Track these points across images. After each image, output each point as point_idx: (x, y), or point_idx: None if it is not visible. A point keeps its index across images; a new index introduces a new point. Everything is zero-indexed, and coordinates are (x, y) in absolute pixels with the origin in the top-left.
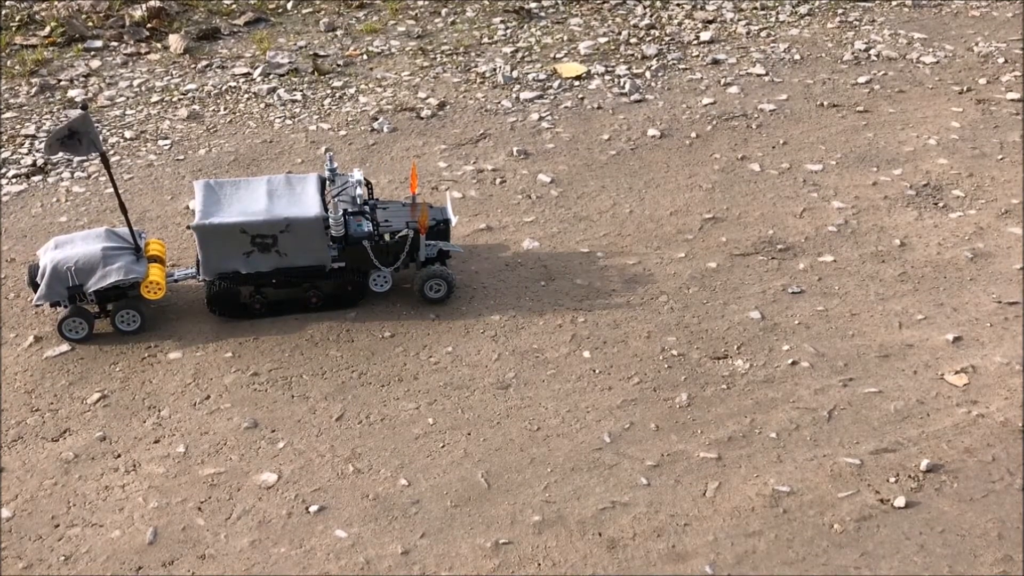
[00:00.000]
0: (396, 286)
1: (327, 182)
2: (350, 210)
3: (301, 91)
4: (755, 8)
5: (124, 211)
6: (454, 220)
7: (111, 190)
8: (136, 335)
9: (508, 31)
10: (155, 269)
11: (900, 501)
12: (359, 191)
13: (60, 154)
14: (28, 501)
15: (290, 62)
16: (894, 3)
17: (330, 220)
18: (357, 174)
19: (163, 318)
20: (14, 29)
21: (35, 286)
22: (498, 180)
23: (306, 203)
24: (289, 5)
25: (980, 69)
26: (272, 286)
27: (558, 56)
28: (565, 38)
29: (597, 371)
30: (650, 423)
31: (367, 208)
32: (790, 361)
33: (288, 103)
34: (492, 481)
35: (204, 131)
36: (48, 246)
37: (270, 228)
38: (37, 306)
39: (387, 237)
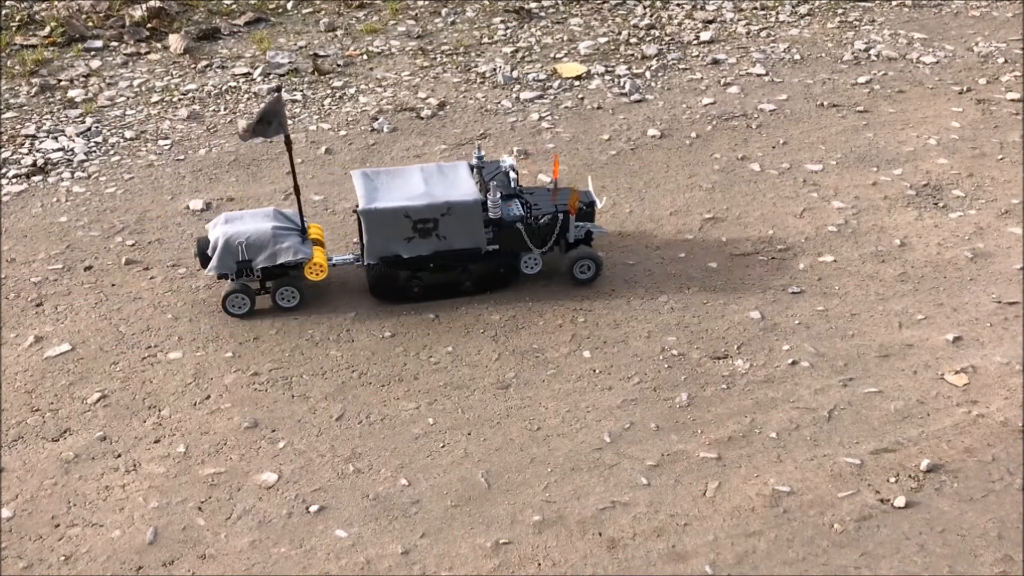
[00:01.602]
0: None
1: (475, 169)
2: (504, 194)
3: (301, 91)
4: (755, 8)
5: (297, 194)
6: (600, 203)
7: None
8: (294, 311)
9: (508, 31)
10: (319, 252)
11: (900, 501)
12: (512, 176)
13: (255, 139)
14: (28, 501)
15: (290, 62)
16: (894, 3)
17: (488, 203)
18: (509, 160)
19: (163, 318)
20: (14, 29)
21: (202, 258)
22: None
23: (464, 188)
24: (289, 5)
25: (980, 69)
26: (430, 270)
27: (558, 56)
28: (565, 38)
29: (597, 371)
30: (650, 423)
31: (521, 192)
32: (790, 361)
33: (288, 103)
34: (492, 481)
35: (204, 131)
36: (218, 220)
37: (432, 212)
38: (210, 275)
39: (539, 220)
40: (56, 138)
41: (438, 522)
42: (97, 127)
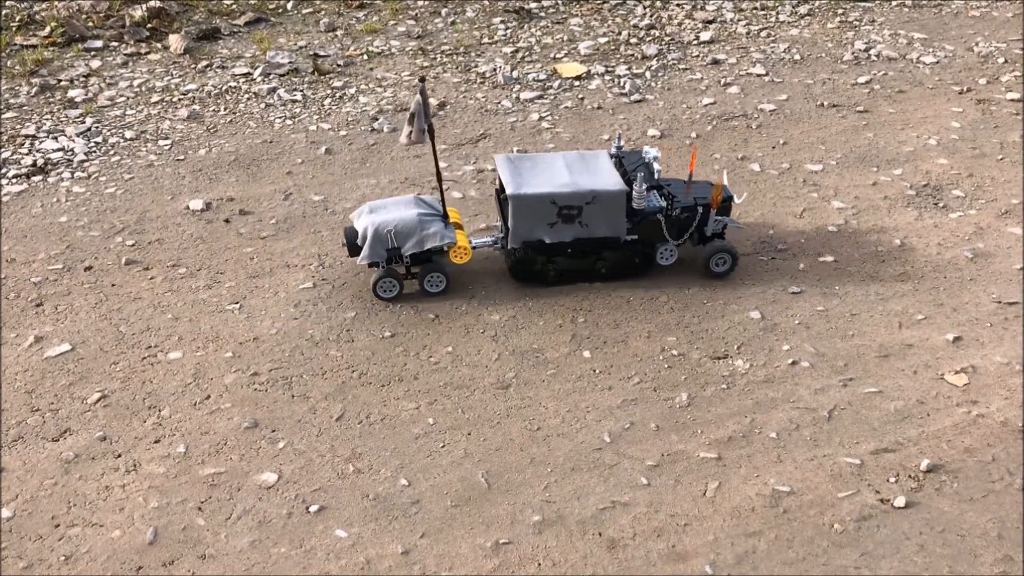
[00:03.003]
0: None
1: (614, 159)
2: (646, 185)
3: (301, 91)
4: (755, 8)
5: (439, 179)
6: (738, 199)
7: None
8: (441, 295)
9: (508, 31)
10: (462, 235)
11: (900, 501)
12: (656, 167)
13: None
14: (28, 501)
15: (290, 62)
16: (894, 3)
17: (634, 194)
18: (652, 151)
19: (163, 318)
20: (14, 29)
21: (350, 248)
22: (498, 180)
23: (609, 177)
24: (289, 5)
25: (980, 69)
26: (567, 256)
27: (558, 56)
28: (565, 38)
29: (597, 371)
30: (650, 423)
31: (661, 184)
32: (790, 361)
33: (288, 103)
34: (492, 481)
35: (204, 131)
36: (362, 210)
37: (578, 199)
38: (362, 264)
39: (679, 212)
40: (56, 138)
41: (438, 522)
42: (97, 127)
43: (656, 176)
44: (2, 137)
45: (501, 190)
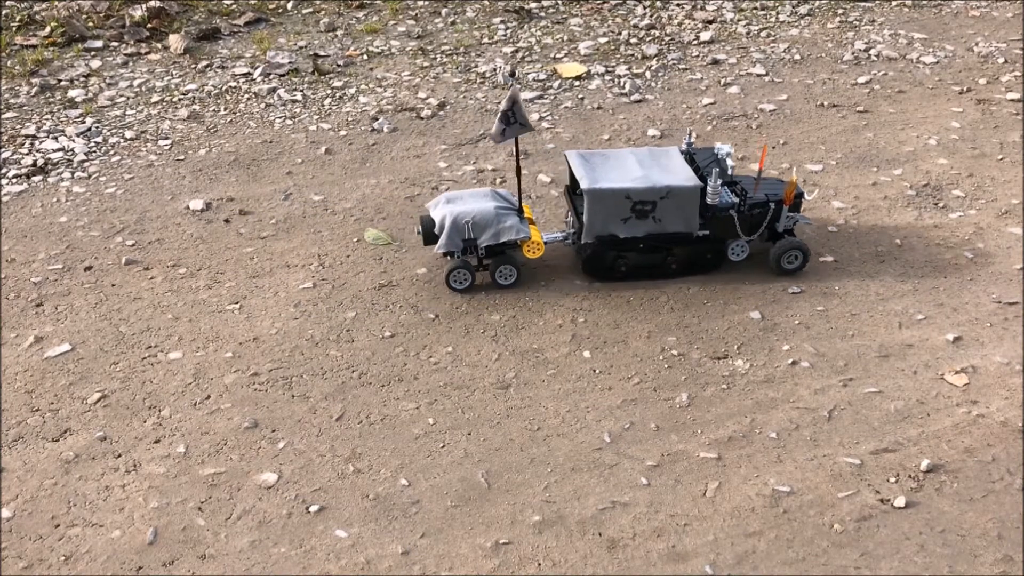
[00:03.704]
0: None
1: (685, 155)
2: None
3: (301, 91)
4: (755, 8)
5: (519, 175)
6: (809, 196)
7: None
8: (512, 288)
9: (508, 31)
10: (535, 230)
11: (900, 501)
12: (729, 163)
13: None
14: (28, 501)
15: (290, 62)
16: (894, 3)
17: (709, 189)
18: (726, 147)
19: (163, 318)
20: (14, 29)
21: (426, 235)
22: (498, 180)
23: (683, 173)
24: (289, 5)
25: (980, 69)
26: (638, 251)
27: (558, 56)
28: (565, 38)
29: (597, 371)
30: (650, 423)
31: (734, 180)
32: (790, 361)
33: (288, 103)
34: (492, 481)
35: (204, 131)
36: (439, 200)
37: (652, 195)
38: (439, 253)
39: (752, 208)
40: (56, 138)
41: (438, 522)
42: (97, 127)
43: (730, 172)
44: (2, 137)
45: (572, 186)
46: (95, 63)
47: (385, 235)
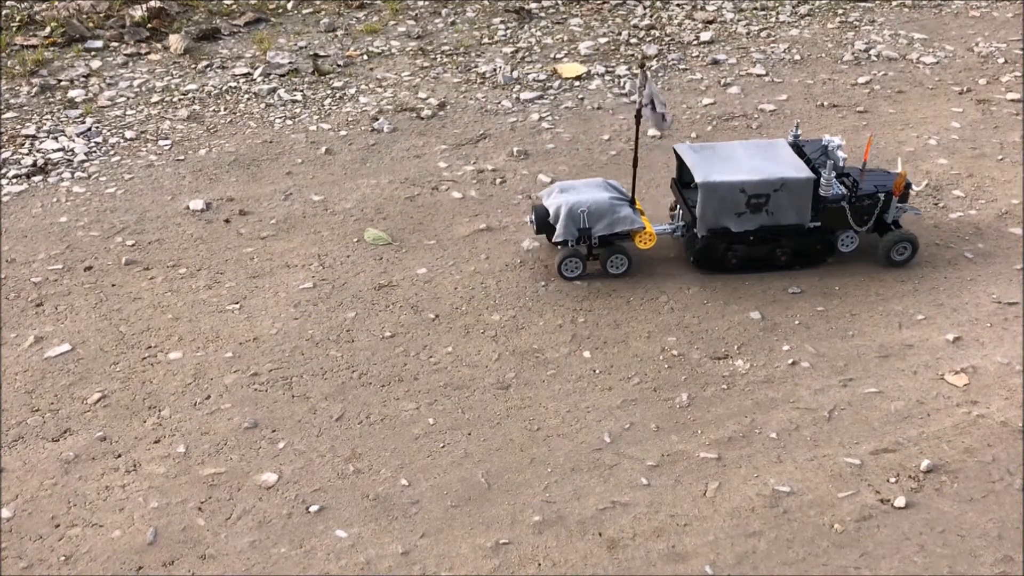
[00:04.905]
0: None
1: (792, 147)
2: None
3: (301, 91)
4: (755, 8)
5: (635, 166)
6: (916, 187)
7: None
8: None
9: (508, 31)
10: (647, 222)
11: (900, 501)
12: (840, 155)
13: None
14: (28, 501)
15: (290, 62)
16: (894, 3)
17: (823, 181)
18: (836, 139)
19: (163, 318)
20: (14, 29)
21: (539, 224)
22: (498, 180)
23: (794, 165)
24: (289, 5)
25: (980, 69)
26: (748, 243)
27: (558, 56)
28: (565, 38)
29: (597, 371)
30: (650, 423)
31: (845, 172)
32: (790, 361)
33: (288, 103)
34: (492, 481)
35: (204, 131)
36: (552, 190)
37: (766, 187)
38: (554, 243)
39: (863, 199)
40: (56, 138)
41: (438, 522)
42: (97, 127)
43: (841, 163)
44: (2, 137)
45: (680, 180)
46: (95, 63)
47: (385, 235)
